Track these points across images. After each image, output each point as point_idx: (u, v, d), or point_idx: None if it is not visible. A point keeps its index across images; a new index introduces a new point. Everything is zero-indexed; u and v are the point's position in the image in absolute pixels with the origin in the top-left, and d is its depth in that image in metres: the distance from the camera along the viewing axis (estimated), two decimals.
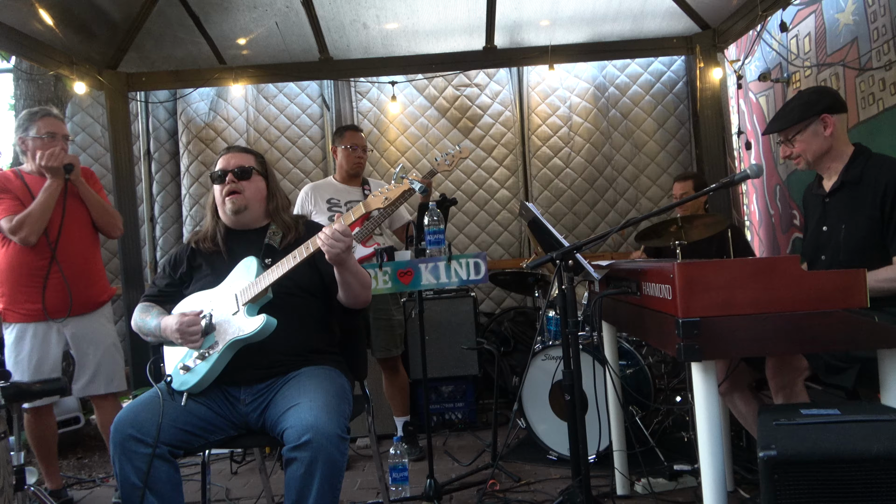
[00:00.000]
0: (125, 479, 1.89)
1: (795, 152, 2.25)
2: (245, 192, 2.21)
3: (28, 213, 2.77)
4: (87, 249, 3.00)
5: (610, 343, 2.76)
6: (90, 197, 2.96)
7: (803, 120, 2.19)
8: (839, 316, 1.50)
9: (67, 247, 2.88)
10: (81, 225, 2.96)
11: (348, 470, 3.30)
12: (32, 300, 2.83)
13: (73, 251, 2.91)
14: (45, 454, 3.01)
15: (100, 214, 2.99)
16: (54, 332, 2.90)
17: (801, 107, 2.21)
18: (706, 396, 1.56)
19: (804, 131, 2.20)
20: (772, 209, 4.38)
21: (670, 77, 4.80)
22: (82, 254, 2.96)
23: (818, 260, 2.27)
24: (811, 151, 2.22)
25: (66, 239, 2.87)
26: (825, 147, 2.20)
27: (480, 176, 4.81)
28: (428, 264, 2.65)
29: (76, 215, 2.93)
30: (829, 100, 2.21)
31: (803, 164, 2.26)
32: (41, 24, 3.54)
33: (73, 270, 2.88)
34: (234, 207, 2.20)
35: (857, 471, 1.24)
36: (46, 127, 2.85)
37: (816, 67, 3.73)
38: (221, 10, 3.91)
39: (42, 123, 2.85)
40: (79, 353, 2.94)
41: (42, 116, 2.87)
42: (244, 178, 2.21)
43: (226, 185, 2.20)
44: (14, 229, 2.76)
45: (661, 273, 1.64)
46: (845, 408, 1.49)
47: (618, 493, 2.71)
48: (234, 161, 2.23)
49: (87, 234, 3.00)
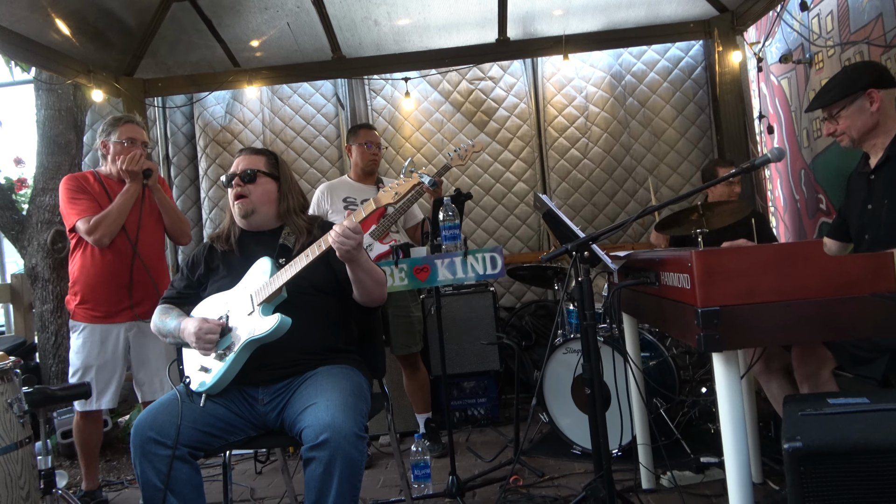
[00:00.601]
0: (146, 481, 1.90)
1: (839, 129, 2.17)
2: (251, 196, 2.21)
3: (106, 213, 2.85)
4: (159, 253, 3.11)
5: (631, 335, 2.71)
6: (166, 203, 3.05)
7: (848, 95, 2.11)
8: (866, 301, 1.44)
9: (145, 249, 2.96)
10: (155, 230, 3.05)
11: (371, 468, 3.31)
12: (119, 298, 2.91)
13: (150, 253, 2.99)
14: (89, 456, 3.07)
15: (173, 220, 3.08)
16: (122, 334, 2.96)
17: (846, 82, 2.14)
18: (729, 387, 1.51)
19: (849, 107, 2.12)
20: (797, 194, 4.27)
21: (688, 62, 4.71)
22: (156, 257, 3.06)
23: (862, 240, 2.19)
24: (856, 128, 2.14)
25: (144, 241, 2.96)
26: (871, 123, 2.12)
27: (497, 170, 4.77)
28: (444, 260, 2.63)
29: (151, 220, 3.02)
30: (875, 74, 2.14)
31: (847, 142, 2.18)
32: (58, 34, 3.59)
33: (153, 271, 2.96)
34: (241, 211, 2.22)
35: (888, 461, 1.19)
36: (128, 132, 2.93)
37: (840, 47, 3.61)
38: (233, 13, 3.93)
39: (124, 129, 2.93)
40: (137, 359, 3.00)
41: (125, 122, 2.96)
42: (250, 182, 2.21)
43: (233, 189, 2.22)
44: (91, 230, 2.83)
45: (680, 262, 1.60)
46: (875, 396, 1.43)
47: (643, 486, 2.67)
48: (243, 164, 2.24)
49: (159, 238, 3.10)
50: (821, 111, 2.22)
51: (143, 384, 3.02)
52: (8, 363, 2.06)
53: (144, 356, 3.00)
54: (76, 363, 2.94)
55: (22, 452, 2.01)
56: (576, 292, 1.90)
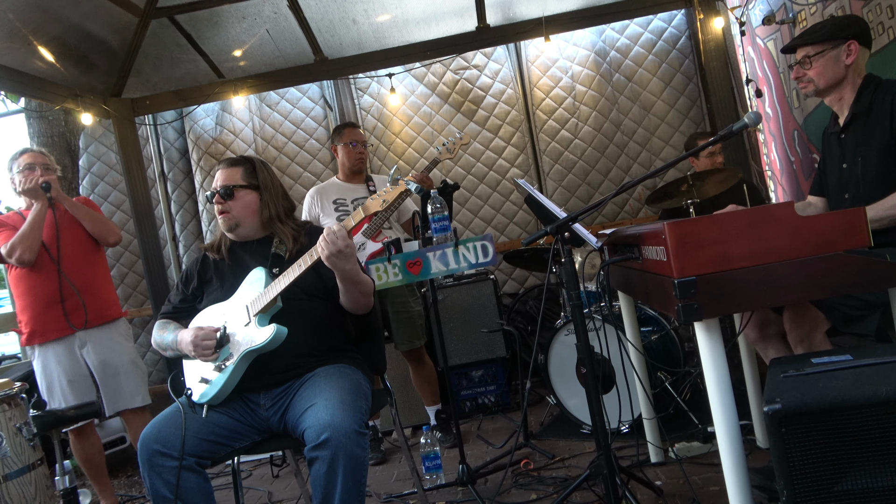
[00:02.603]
0: (156, 493, 1.94)
1: (808, 75, 2.16)
2: (232, 211, 2.24)
3: (20, 233, 2.90)
4: (91, 262, 3.12)
5: (628, 311, 2.72)
6: (77, 209, 3.07)
7: (831, 39, 2.10)
8: (841, 259, 1.44)
9: (70, 260, 3.00)
10: (79, 239, 3.08)
11: (385, 463, 3.35)
12: (54, 313, 2.95)
13: (77, 264, 3.02)
14: (95, 473, 3.13)
15: (91, 224, 3.09)
16: (76, 349, 3.00)
17: (832, 27, 2.13)
18: (713, 356, 1.52)
19: (827, 52, 2.11)
20: (792, 156, 4.24)
21: (672, 33, 4.67)
22: (86, 266, 3.07)
23: (843, 200, 2.18)
24: (825, 77, 2.13)
25: (67, 253, 2.99)
26: (840, 76, 2.12)
27: (489, 157, 4.77)
28: (436, 252, 2.65)
29: (72, 230, 3.05)
30: (859, 27, 2.13)
31: (811, 89, 2.17)
32: (42, 61, 3.63)
33: (81, 281, 3.00)
34: (226, 227, 2.26)
35: (868, 416, 1.19)
36: (25, 160, 2.99)
37: (822, 3, 3.57)
38: (212, 25, 3.95)
39: (22, 159, 2.99)
40: (99, 371, 3.03)
41: (21, 154, 3.01)
42: (229, 198, 2.24)
43: (216, 205, 2.26)
44: (9, 252, 2.90)
45: (656, 235, 1.60)
46: (859, 352, 1.44)
47: (652, 460, 2.68)
48: (220, 180, 2.26)
49: (87, 247, 3.11)
50: (793, 57, 2.20)
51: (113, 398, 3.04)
52: (14, 388, 2.11)
53: (103, 370, 3.03)
54: (42, 386, 3.00)
55: (34, 475, 2.06)
56: (561, 273, 1.91)
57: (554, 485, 2.64)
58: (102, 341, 3.04)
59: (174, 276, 4.86)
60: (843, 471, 1.21)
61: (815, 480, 1.24)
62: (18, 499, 1.99)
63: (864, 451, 1.20)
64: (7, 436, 2.03)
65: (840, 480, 1.21)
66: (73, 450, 3.09)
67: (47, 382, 2.98)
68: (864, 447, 1.20)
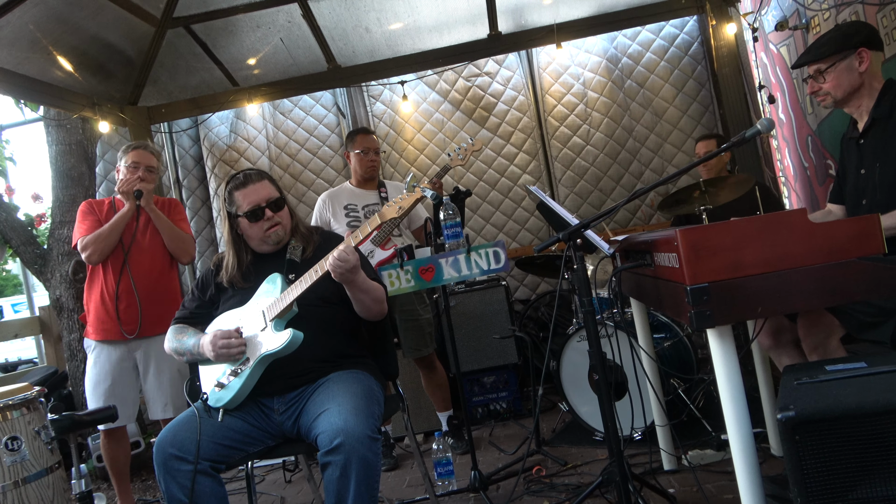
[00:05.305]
0: (172, 497, 1.97)
1: (824, 89, 2.13)
2: (283, 222, 2.26)
3: (98, 233, 2.96)
4: (160, 272, 3.13)
5: (641, 318, 2.71)
6: (160, 222, 3.09)
7: (839, 52, 2.07)
8: (855, 266, 1.43)
9: (138, 267, 3.03)
10: (154, 249, 3.10)
11: (398, 469, 3.35)
12: (110, 315, 2.99)
13: (145, 271, 3.05)
14: (118, 475, 3.16)
15: (169, 239, 3.12)
16: (131, 353, 3.04)
17: (839, 38, 2.09)
18: (726, 363, 1.52)
19: (838, 64, 2.08)
20: (805, 162, 4.21)
21: (684, 39, 4.67)
22: (155, 275, 3.09)
23: (860, 206, 2.15)
24: (842, 88, 2.10)
25: (137, 259, 3.03)
26: (856, 84, 2.09)
27: (501, 164, 4.78)
28: (448, 258, 2.66)
29: (150, 238, 3.09)
30: (867, 33, 2.10)
31: (829, 101, 2.14)
32: (61, 70, 3.70)
33: (145, 289, 3.02)
34: (277, 238, 2.26)
35: (882, 424, 1.19)
36: (133, 157, 3.04)
37: (835, 8, 3.55)
38: (227, 33, 4.00)
39: (131, 154, 3.05)
40: (147, 376, 3.06)
41: (133, 149, 3.07)
42: (280, 209, 2.26)
43: (266, 221, 2.23)
44: (83, 247, 2.96)
45: (668, 241, 1.60)
46: (874, 360, 1.43)
47: (665, 468, 2.67)
48: (265, 193, 2.24)
49: (160, 258, 3.13)
50: (806, 70, 2.19)
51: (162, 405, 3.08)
52: (33, 393, 2.15)
53: (152, 376, 3.06)
54: (88, 381, 3.04)
55: (52, 478, 2.09)
56: (573, 280, 1.92)
57: (566, 492, 2.64)
58: (156, 347, 3.02)
59: (188, 283, 4.91)
60: (858, 478, 1.21)
61: (829, 488, 1.23)
62: (37, 501, 2.02)
63: (878, 459, 1.19)
64: (26, 439, 2.07)
65: (854, 488, 1.21)
66: (102, 450, 3.13)
67: (94, 379, 3.01)
68: (878, 455, 1.19)
